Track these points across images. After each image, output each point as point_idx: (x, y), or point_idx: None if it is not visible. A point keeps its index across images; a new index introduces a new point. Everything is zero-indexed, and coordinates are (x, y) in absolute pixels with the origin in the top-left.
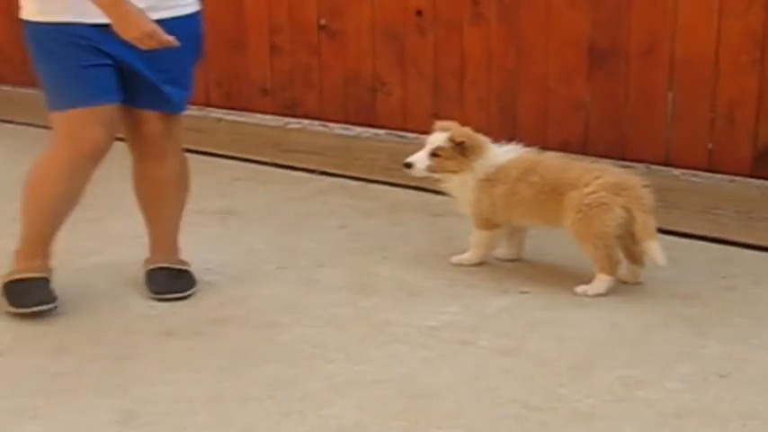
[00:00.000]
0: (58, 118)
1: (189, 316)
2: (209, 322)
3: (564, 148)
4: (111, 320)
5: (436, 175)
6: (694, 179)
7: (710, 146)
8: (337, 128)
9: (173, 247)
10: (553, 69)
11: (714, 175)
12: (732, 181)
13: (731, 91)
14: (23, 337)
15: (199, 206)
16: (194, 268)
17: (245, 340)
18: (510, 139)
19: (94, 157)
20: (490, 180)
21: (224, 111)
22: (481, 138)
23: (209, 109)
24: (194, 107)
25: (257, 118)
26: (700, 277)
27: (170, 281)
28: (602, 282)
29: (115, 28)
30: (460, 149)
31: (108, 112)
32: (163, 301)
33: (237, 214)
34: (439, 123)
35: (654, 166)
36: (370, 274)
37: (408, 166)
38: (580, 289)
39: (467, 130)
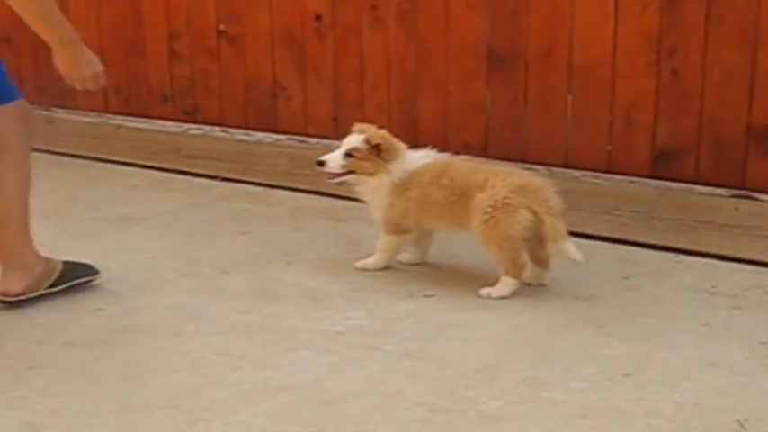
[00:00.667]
0: None
1: (91, 325)
2: (112, 331)
3: (465, 150)
4: (10, 331)
5: (348, 177)
6: (594, 181)
7: (609, 148)
8: (238, 133)
9: None
10: (452, 73)
11: (614, 177)
12: (631, 182)
13: (629, 93)
14: None
15: (99, 214)
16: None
17: (149, 349)
18: (412, 143)
19: None
20: (404, 184)
21: (123, 117)
22: (397, 142)
23: (108, 116)
24: (93, 114)
25: (157, 124)
26: (602, 278)
27: None
28: (506, 284)
29: (69, 63)
30: (376, 151)
31: None
32: None
33: (139, 222)
34: (357, 126)
35: (555, 169)
36: (275, 280)
37: (321, 164)
38: (484, 291)
39: (383, 132)
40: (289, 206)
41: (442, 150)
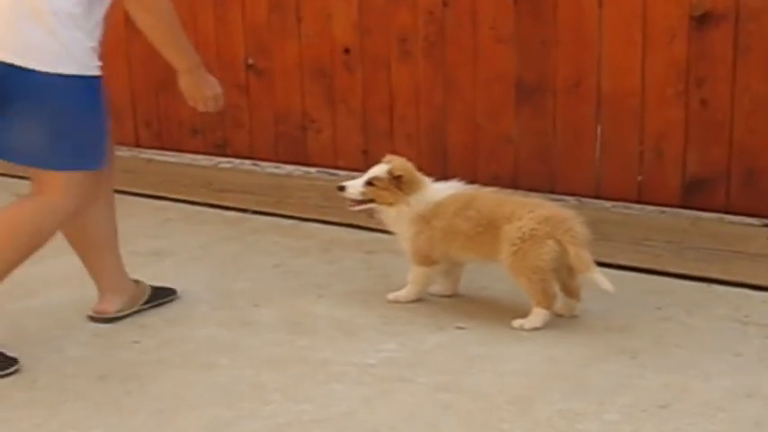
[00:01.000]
0: (84, 176)
1: (125, 358)
2: (145, 364)
3: (494, 182)
4: (45, 365)
5: (368, 206)
6: (625, 211)
7: (640, 178)
8: (268, 166)
9: None
10: (481, 105)
11: (645, 207)
12: (662, 212)
13: (658, 123)
14: None
15: (131, 247)
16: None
17: (182, 382)
18: (441, 174)
19: None
20: (428, 215)
21: (154, 151)
22: (420, 175)
23: (139, 150)
24: (124, 148)
25: (188, 158)
26: (635, 309)
27: None
28: (538, 316)
29: (192, 85)
30: (397, 182)
31: None
32: None
33: (171, 255)
34: (387, 157)
35: (585, 199)
36: (306, 313)
37: (341, 189)
38: (517, 323)
39: (408, 165)
40: (319, 239)
41: (471, 182)
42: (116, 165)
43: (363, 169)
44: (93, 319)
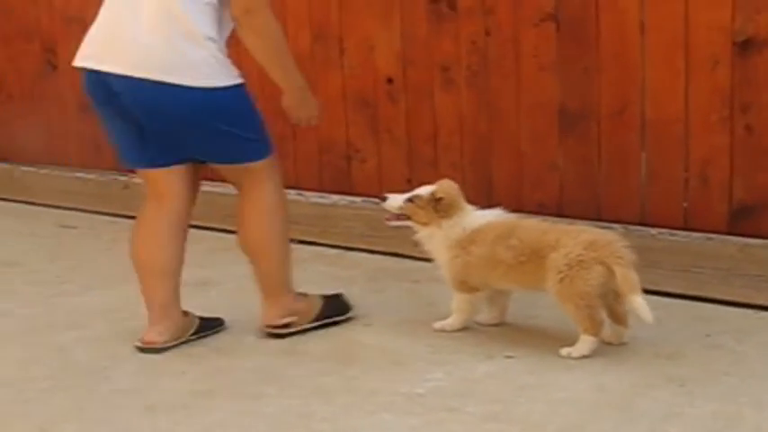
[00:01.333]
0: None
1: (173, 389)
2: (193, 394)
3: (539, 210)
4: (93, 395)
5: (406, 222)
6: (672, 238)
7: (686, 204)
8: (313, 196)
9: None
10: (525, 132)
11: (691, 234)
12: (709, 239)
13: (703, 149)
14: (4, 413)
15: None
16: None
17: (230, 412)
18: (487, 202)
19: None
20: (464, 242)
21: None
22: (462, 201)
23: None
24: None
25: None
26: (683, 336)
27: None
28: (585, 343)
29: (295, 105)
30: (436, 204)
31: None
32: None
33: (216, 285)
34: (440, 180)
35: (631, 227)
36: (353, 342)
37: (383, 199)
38: (565, 351)
39: (453, 190)
40: (365, 268)
41: (517, 210)
42: (134, 194)
43: None
44: (140, 349)
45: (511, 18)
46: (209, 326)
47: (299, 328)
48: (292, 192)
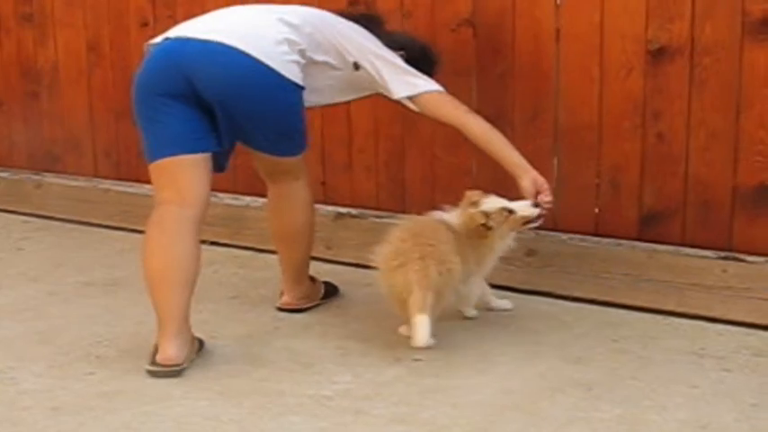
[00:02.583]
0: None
1: (79, 390)
2: (99, 396)
3: None
4: None
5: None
6: (582, 243)
7: (597, 210)
8: (227, 197)
9: None
10: (439, 137)
11: (602, 239)
12: (619, 244)
13: (615, 156)
14: None
15: (87, 278)
16: (85, 341)
17: (136, 414)
18: (400, 206)
19: None
20: None
21: (112, 181)
22: None
23: (97, 180)
24: (82, 178)
25: (147, 188)
26: (591, 341)
27: None
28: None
29: (538, 182)
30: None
31: None
32: None
33: (127, 286)
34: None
35: (542, 232)
36: (262, 343)
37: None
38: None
39: None
40: (277, 270)
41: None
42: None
43: (322, 201)
44: (153, 373)
45: (428, 22)
46: (332, 291)
47: (308, 305)
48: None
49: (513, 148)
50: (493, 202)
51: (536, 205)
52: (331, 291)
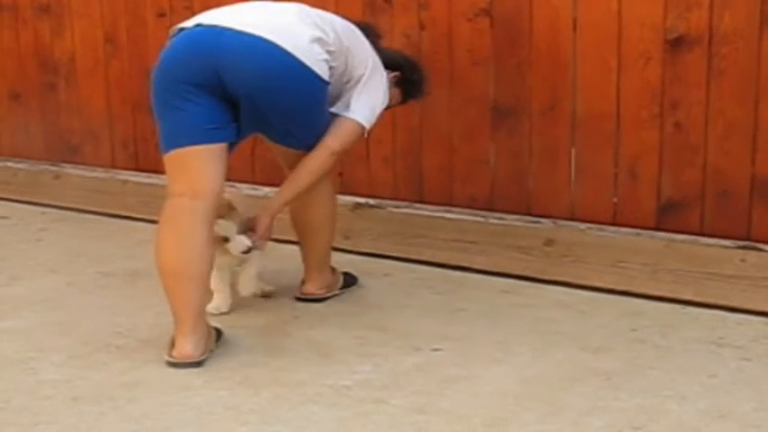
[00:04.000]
0: None
1: (99, 380)
2: (119, 386)
3: (470, 204)
4: (18, 386)
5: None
6: (600, 233)
7: (615, 200)
8: (245, 188)
9: None
10: (457, 127)
11: (620, 229)
12: (637, 234)
13: (633, 145)
14: None
15: (107, 268)
16: (104, 331)
17: (156, 404)
18: (418, 196)
19: None
20: None
21: (131, 172)
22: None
23: (115, 171)
24: (100, 169)
25: (164, 179)
26: (610, 330)
27: None
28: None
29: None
30: None
31: None
32: None
33: (146, 276)
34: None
35: (560, 221)
36: (282, 334)
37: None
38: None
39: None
40: (296, 261)
41: (448, 205)
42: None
43: (340, 191)
44: (173, 365)
45: (445, 12)
46: (350, 281)
47: (328, 295)
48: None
49: (291, 193)
50: (226, 226)
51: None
52: (350, 281)
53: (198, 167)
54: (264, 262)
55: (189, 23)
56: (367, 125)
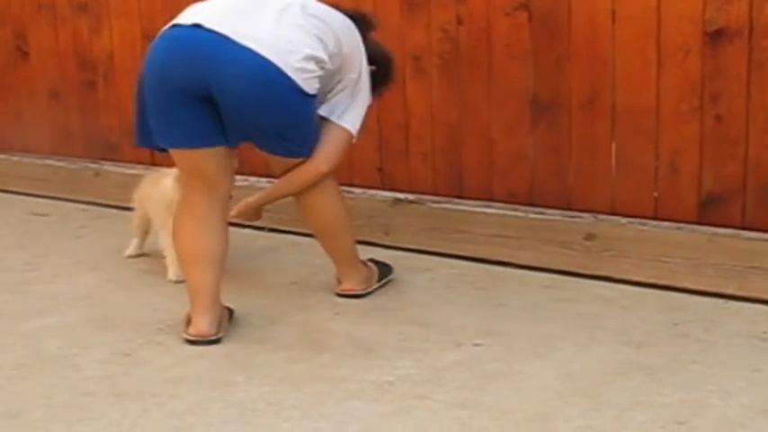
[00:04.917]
0: None
1: (142, 377)
2: (162, 382)
3: (509, 199)
4: (61, 383)
5: None
6: (642, 227)
7: (656, 194)
8: (263, 181)
9: None
10: (496, 122)
11: (661, 223)
12: (679, 228)
13: (673, 139)
14: None
15: (147, 265)
16: (146, 327)
17: (199, 400)
18: (457, 191)
19: None
20: None
21: (169, 169)
22: None
23: (154, 168)
24: (140, 166)
25: None
26: (652, 325)
27: None
28: None
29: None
30: None
31: None
32: None
33: None
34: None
35: (601, 216)
36: (323, 330)
37: None
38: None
39: None
40: None
41: (488, 199)
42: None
43: (379, 187)
44: (191, 342)
45: (483, 7)
46: (386, 272)
47: (370, 290)
48: (263, 180)
49: (272, 198)
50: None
51: None
52: (385, 271)
53: (208, 166)
54: None
55: (186, 19)
56: (356, 133)
